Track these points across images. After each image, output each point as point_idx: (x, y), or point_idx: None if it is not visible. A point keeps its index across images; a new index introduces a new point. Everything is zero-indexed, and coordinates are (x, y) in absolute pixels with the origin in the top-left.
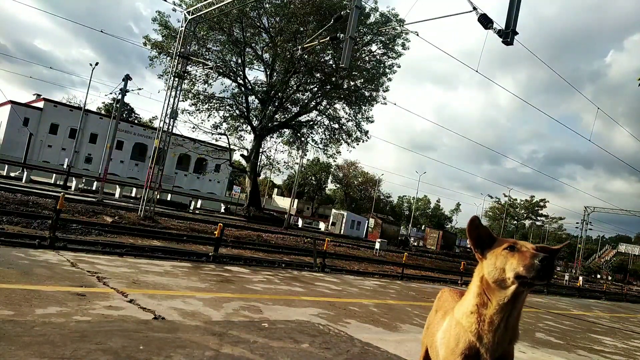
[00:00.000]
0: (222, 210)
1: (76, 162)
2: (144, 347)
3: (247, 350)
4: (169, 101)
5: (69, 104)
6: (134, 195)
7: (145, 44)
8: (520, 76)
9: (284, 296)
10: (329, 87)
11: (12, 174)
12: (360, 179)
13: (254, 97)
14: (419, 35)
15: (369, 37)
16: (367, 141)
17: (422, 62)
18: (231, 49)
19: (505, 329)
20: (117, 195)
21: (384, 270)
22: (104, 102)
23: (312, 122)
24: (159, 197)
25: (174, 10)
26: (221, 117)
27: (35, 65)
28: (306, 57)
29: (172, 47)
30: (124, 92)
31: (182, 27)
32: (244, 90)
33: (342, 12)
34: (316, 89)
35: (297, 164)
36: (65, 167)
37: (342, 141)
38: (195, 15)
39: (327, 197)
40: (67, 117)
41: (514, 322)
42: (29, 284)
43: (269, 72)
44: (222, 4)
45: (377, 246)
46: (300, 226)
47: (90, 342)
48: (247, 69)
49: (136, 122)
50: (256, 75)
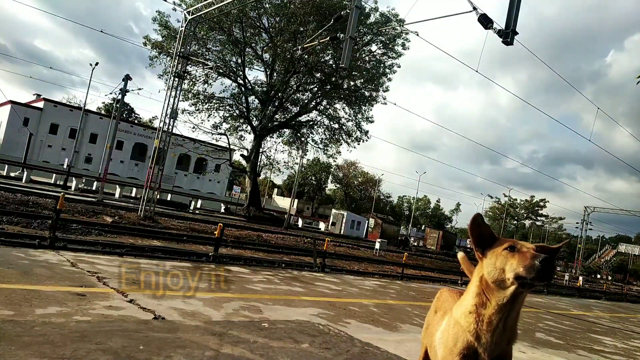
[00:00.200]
0: (222, 210)
1: (76, 162)
2: (144, 347)
3: (247, 350)
4: (169, 101)
5: (69, 104)
6: (134, 195)
7: (145, 44)
8: (520, 76)
9: (284, 296)
10: (329, 87)
11: (12, 174)
12: (360, 179)
13: (254, 97)
14: (419, 35)
15: (369, 37)
16: (367, 141)
17: (422, 62)
18: (231, 49)
19: (503, 329)
20: (117, 195)
21: (384, 270)
22: (104, 102)
23: (312, 122)
24: (159, 197)
25: (174, 10)
26: (221, 117)
27: (35, 65)
28: (306, 57)
29: (172, 47)
30: (124, 92)
31: (182, 27)
32: (244, 90)
33: (342, 12)
34: (316, 89)
35: (297, 164)
36: (65, 167)
37: (342, 141)
38: (195, 15)
39: (327, 197)
40: (67, 117)
41: (512, 323)
42: (29, 284)
43: (269, 72)
44: (222, 4)
45: (377, 246)
46: (300, 226)
47: (90, 342)
48: (247, 69)
49: (136, 122)
50: (256, 75)
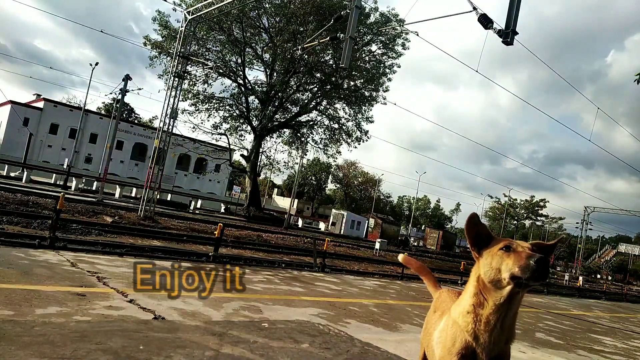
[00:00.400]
0: (222, 210)
1: (76, 162)
2: (144, 347)
3: (247, 350)
4: (169, 101)
5: (69, 104)
6: (134, 195)
7: (145, 44)
8: (520, 76)
9: (284, 296)
10: (329, 87)
11: (12, 174)
12: (360, 179)
13: (254, 97)
14: (419, 35)
15: (369, 37)
16: (367, 141)
17: (423, 62)
18: (231, 49)
19: (501, 329)
20: (117, 195)
21: (384, 270)
22: (104, 102)
23: (312, 122)
24: (159, 197)
25: (174, 10)
26: (221, 117)
27: (35, 65)
28: (306, 57)
29: (172, 47)
30: (124, 92)
31: (182, 27)
32: (244, 90)
33: (342, 12)
34: (316, 89)
35: (297, 164)
36: (65, 167)
37: (342, 141)
38: (195, 15)
39: (327, 197)
40: (67, 117)
41: (510, 322)
42: (29, 284)
43: (269, 72)
44: (222, 4)
45: (377, 246)
46: (300, 226)
47: (90, 342)
48: (247, 69)
49: (136, 122)
50: (256, 75)
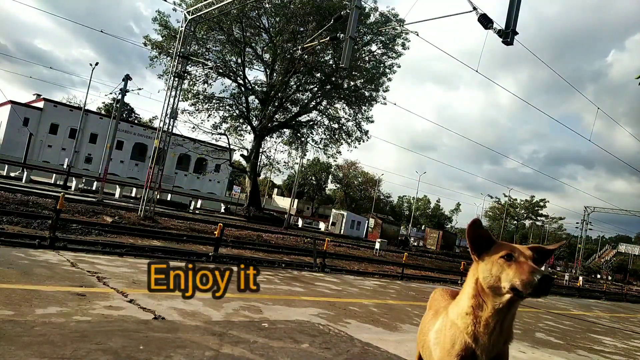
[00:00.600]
0: (222, 210)
1: (76, 162)
2: (144, 347)
3: (247, 350)
4: (169, 101)
5: (69, 104)
6: (134, 195)
7: (145, 44)
8: (521, 76)
9: (284, 296)
10: (329, 87)
11: (12, 174)
12: (360, 179)
13: (253, 97)
14: (419, 35)
15: (368, 37)
16: (367, 141)
17: (423, 62)
18: (231, 49)
19: (500, 331)
20: (117, 195)
21: (384, 270)
22: (104, 102)
23: (312, 122)
24: (159, 197)
25: (174, 10)
26: (221, 117)
27: (35, 65)
28: (306, 57)
29: (172, 47)
30: (124, 92)
31: (182, 27)
32: (243, 90)
33: (342, 12)
34: (316, 89)
35: (297, 164)
36: (65, 167)
37: (342, 141)
38: (195, 15)
39: (327, 197)
40: (67, 117)
41: (508, 324)
42: (29, 284)
43: (269, 72)
44: (222, 4)
45: (377, 246)
46: (300, 226)
47: (90, 342)
48: (247, 69)
49: (136, 122)
50: (256, 75)
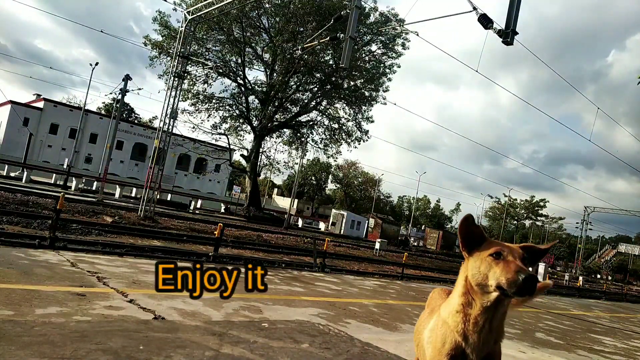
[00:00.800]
0: (222, 210)
1: (76, 162)
2: (144, 347)
3: (247, 350)
4: (169, 101)
5: (69, 104)
6: (134, 195)
7: (145, 44)
8: (522, 76)
9: (284, 296)
10: (329, 87)
11: (12, 174)
12: (360, 179)
13: (253, 97)
14: (418, 35)
15: (368, 37)
16: (367, 141)
17: (424, 62)
18: (231, 49)
19: (490, 330)
20: (117, 195)
21: (384, 270)
22: (104, 102)
23: (312, 122)
24: (159, 197)
25: (174, 10)
26: (221, 117)
27: (35, 65)
28: (306, 57)
29: (172, 47)
30: (124, 92)
31: (182, 27)
32: (243, 90)
33: (342, 12)
34: (316, 89)
35: (297, 164)
36: (65, 167)
37: (342, 141)
38: (195, 15)
39: (327, 197)
40: (67, 117)
41: (498, 323)
42: (29, 284)
43: (268, 72)
44: (222, 4)
45: (377, 246)
46: (300, 226)
47: (90, 342)
48: (247, 69)
49: (136, 122)
50: (256, 75)
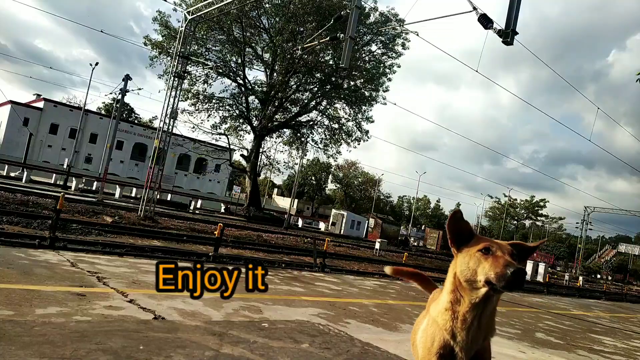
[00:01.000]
0: (222, 210)
1: (76, 162)
2: (144, 347)
3: (247, 350)
4: (169, 101)
5: (69, 104)
6: (134, 195)
7: (145, 44)
8: (522, 76)
9: (284, 296)
10: (329, 87)
11: (12, 174)
12: (360, 179)
13: (253, 97)
14: (418, 35)
15: (368, 37)
16: (367, 141)
17: (424, 62)
18: (231, 49)
19: (478, 327)
20: (117, 195)
21: (384, 270)
22: (104, 102)
23: (312, 122)
24: (159, 197)
25: (174, 10)
26: (221, 117)
27: (35, 65)
28: (306, 57)
29: (172, 47)
30: (124, 92)
31: (182, 27)
32: (243, 90)
33: (342, 12)
34: (316, 89)
35: (297, 164)
36: (65, 167)
37: (342, 141)
38: (195, 15)
39: (327, 197)
40: (67, 117)
41: (487, 320)
42: (29, 284)
43: (268, 72)
44: (222, 4)
45: (377, 246)
46: (300, 226)
47: (90, 342)
48: (247, 69)
49: (136, 122)
50: (256, 75)
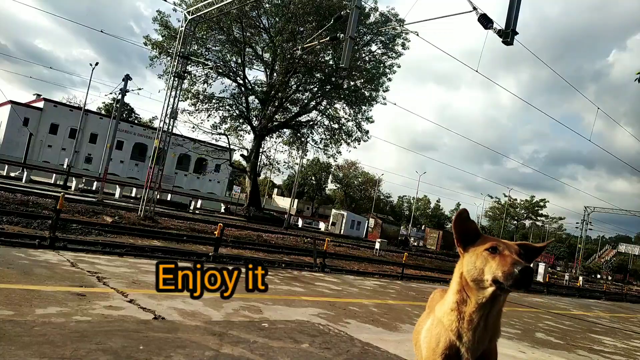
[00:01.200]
0: (222, 210)
1: (76, 162)
2: (144, 347)
3: (247, 350)
4: (169, 101)
5: (69, 104)
6: (134, 195)
7: (145, 44)
8: (522, 76)
9: (284, 296)
10: (329, 87)
11: (12, 174)
12: (360, 179)
13: (253, 97)
14: (418, 35)
15: (368, 37)
16: (367, 141)
17: (424, 62)
18: (231, 49)
19: (485, 328)
20: (117, 195)
21: (384, 270)
22: (104, 102)
23: (312, 122)
24: (159, 197)
25: (174, 10)
26: (221, 117)
27: (35, 65)
28: (306, 57)
29: (172, 47)
30: (124, 92)
31: (182, 27)
32: (243, 90)
33: (342, 12)
34: (316, 89)
35: (297, 164)
36: (65, 167)
37: (342, 141)
38: (195, 15)
39: (327, 197)
40: (67, 117)
41: (493, 320)
42: (29, 284)
43: (268, 72)
44: (222, 4)
45: (377, 246)
46: (300, 226)
47: (90, 342)
48: (247, 69)
49: (136, 122)
50: (256, 75)
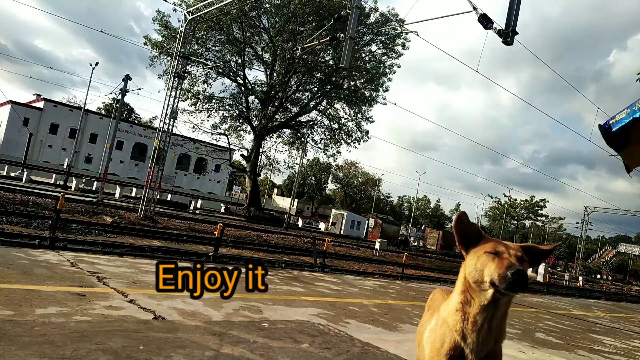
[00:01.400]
0: (222, 210)
1: (76, 162)
2: (144, 347)
3: (247, 350)
4: (169, 101)
5: (69, 104)
6: (134, 195)
7: (145, 44)
8: (522, 76)
9: (284, 296)
10: (329, 87)
11: (12, 174)
12: (360, 179)
13: (253, 97)
14: (419, 35)
15: (368, 37)
16: (367, 141)
17: (424, 62)
18: (231, 49)
19: (489, 330)
20: (117, 195)
21: (384, 270)
22: (104, 102)
23: (312, 122)
24: (159, 197)
25: (174, 10)
26: (221, 117)
27: (35, 65)
28: (306, 57)
29: (172, 47)
30: (124, 92)
31: (182, 27)
32: (243, 90)
33: (342, 12)
34: (316, 89)
35: (297, 164)
36: (65, 167)
37: (342, 141)
38: (195, 15)
39: (327, 197)
40: (67, 117)
41: (498, 323)
42: (29, 284)
43: (268, 72)
44: (222, 4)
45: (377, 246)
46: (300, 226)
47: (90, 342)
48: (247, 69)
49: (136, 122)
50: (256, 75)
